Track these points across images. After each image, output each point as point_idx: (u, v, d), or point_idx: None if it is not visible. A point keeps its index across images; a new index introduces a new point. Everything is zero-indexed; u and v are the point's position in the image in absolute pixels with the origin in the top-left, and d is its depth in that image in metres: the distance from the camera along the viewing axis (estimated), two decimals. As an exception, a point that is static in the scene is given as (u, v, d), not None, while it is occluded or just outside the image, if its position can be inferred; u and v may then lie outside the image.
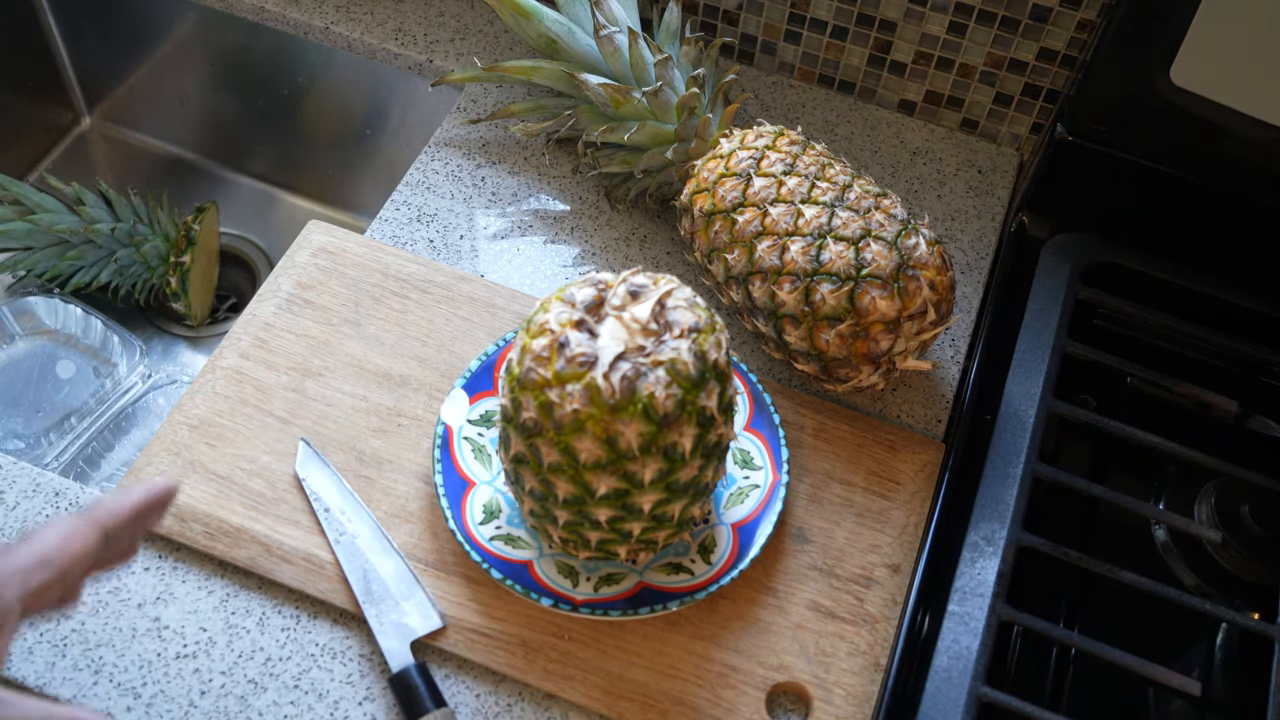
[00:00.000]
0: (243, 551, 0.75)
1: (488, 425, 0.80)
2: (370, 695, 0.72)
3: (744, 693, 0.73)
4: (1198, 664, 0.80)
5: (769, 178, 0.82)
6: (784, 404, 0.85)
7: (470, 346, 0.86)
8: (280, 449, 0.80)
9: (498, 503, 0.77)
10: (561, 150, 1.01)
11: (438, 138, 1.01)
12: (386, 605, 0.73)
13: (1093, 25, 0.93)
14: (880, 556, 0.78)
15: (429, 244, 0.94)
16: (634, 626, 0.74)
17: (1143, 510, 0.82)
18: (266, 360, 0.84)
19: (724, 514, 0.78)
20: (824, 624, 0.75)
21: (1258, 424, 0.89)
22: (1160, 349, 0.92)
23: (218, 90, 1.23)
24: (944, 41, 0.99)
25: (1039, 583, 0.81)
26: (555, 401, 0.63)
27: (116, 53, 1.24)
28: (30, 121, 1.27)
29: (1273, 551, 0.81)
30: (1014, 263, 0.94)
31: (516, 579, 0.73)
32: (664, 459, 0.64)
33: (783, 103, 1.06)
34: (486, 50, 1.08)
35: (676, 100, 0.89)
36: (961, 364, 0.90)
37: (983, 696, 0.71)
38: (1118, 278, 0.92)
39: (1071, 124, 0.91)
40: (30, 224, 1.04)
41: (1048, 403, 0.84)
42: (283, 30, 1.12)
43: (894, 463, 0.82)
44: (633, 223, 0.97)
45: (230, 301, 1.20)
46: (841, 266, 0.77)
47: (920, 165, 1.03)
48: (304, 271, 0.89)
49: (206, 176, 1.29)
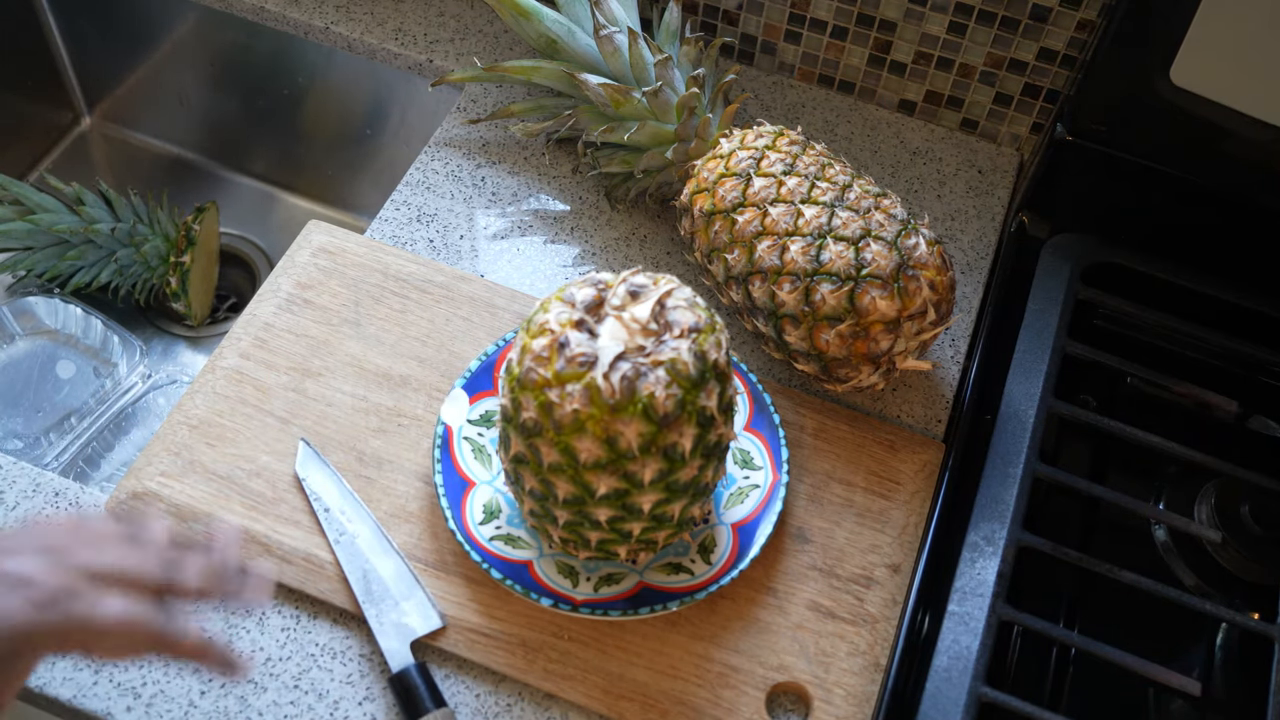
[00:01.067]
0: (242, 551, 0.75)
1: (488, 425, 0.80)
2: (370, 695, 0.72)
3: (744, 693, 0.73)
4: (1198, 664, 0.80)
5: (769, 178, 0.82)
6: (784, 404, 0.85)
7: (470, 346, 0.86)
8: (280, 449, 0.80)
9: (498, 503, 0.77)
10: (561, 150, 1.01)
11: (438, 138, 1.01)
12: (386, 605, 0.73)
13: (1093, 25, 0.93)
14: (880, 556, 0.78)
15: (429, 244, 0.94)
16: (634, 626, 0.74)
17: (1143, 510, 0.82)
18: (266, 360, 0.84)
19: (724, 514, 0.78)
20: (824, 624, 0.75)
21: (1258, 424, 0.89)
22: (1160, 349, 0.92)
23: (218, 90, 1.23)
24: (944, 41, 0.99)
25: (1039, 583, 0.81)
26: (555, 401, 0.63)
27: (116, 53, 1.24)
28: (30, 121, 1.27)
29: (1273, 551, 0.81)
30: (1014, 263, 0.94)
31: (516, 579, 0.73)
32: (664, 459, 0.64)
33: (783, 103, 1.06)
34: (486, 50, 1.08)
35: (676, 100, 0.89)
36: (961, 364, 0.90)
37: (983, 696, 0.71)
38: (1118, 278, 0.92)
39: (1071, 124, 0.91)
40: (30, 224, 1.04)
41: (1048, 403, 0.84)
42: (283, 30, 1.12)
43: (894, 463, 0.82)
44: (633, 223, 0.97)
45: (230, 301, 1.20)
46: (841, 266, 0.77)
47: (920, 165, 1.03)
48: (304, 271, 0.89)
49: (206, 176, 1.29)
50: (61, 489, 0.79)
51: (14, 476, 0.79)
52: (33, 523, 0.55)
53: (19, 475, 0.79)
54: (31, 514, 0.77)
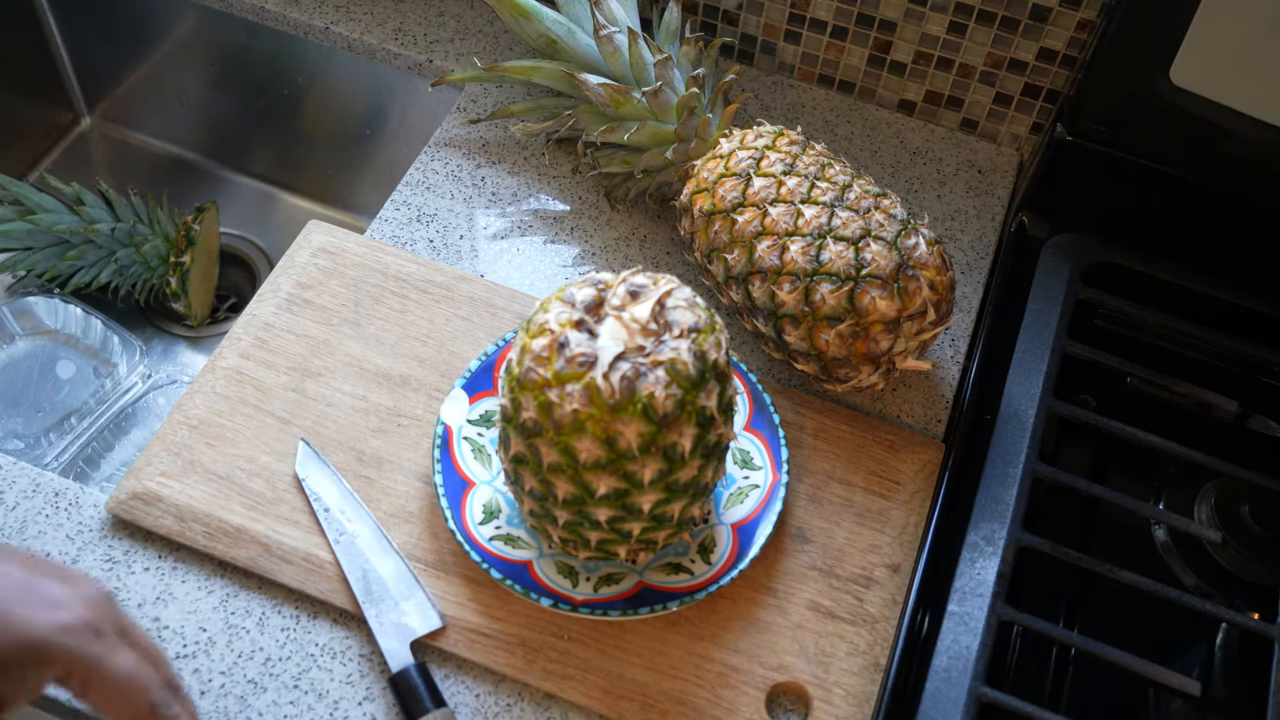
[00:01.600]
0: (242, 551, 0.75)
1: (487, 425, 0.80)
2: (370, 695, 0.72)
3: (744, 693, 0.73)
4: (1198, 664, 0.80)
5: (769, 178, 0.82)
6: (784, 404, 0.85)
7: (470, 346, 0.86)
8: (280, 449, 0.80)
9: (497, 503, 0.77)
10: (561, 150, 1.01)
11: (438, 138, 1.01)
12: (386, 605, 0.73)
13: (1093, 25, 0.93)
14: (880, 556, 0.78)
15: (429, 244, 0.94)
16: (634, 626, 0.74)
17: (1143, 510, 0.82)
18: (266, 360, 0.84)
19: (724, 514, 0.78)
20: (824, 624, 0.75)
21: (1258, 424, 0.89)
22: (1160, 349, 0.92)
23: (218, 90, 1.23)
24: (944, 41, 0.99)
25: (1039, 583, 0.81)
26: (555, 401, 0.63)
27: (116, 53, 1.24)
28: (30, 121, 1.27)
29: (1273, 551, 0.81)
30: (1014, 263, 0.94)
31: (516, 579, 0.73)
32: (664, 459, 0.64)
33: (783, 103, 1.06)
34: (486, 50, 1.08)
35: (676, 100, 0.89)
36: (961, 364, 0.90)
37: (983, 696, 0.71)
38: (1118, 278, 0.92)
39: (1071, 124, 0.91)
40: (30, 224, 1.04)
41: (1048, 403, 0.84)
42: (283, 30, 1.12)
43: (894, 463, 0.82)
44: (633, 223, 0.97)
45: (230, 301, 1.20)
46: (841, 266, 0.77)
47: (920, 165, 1.03)
48: (304, 271, 0.89)
49: (206, 176, 1.29)
50: (61, 489, 0.79)
51: (14, 476, 0.79)
52: None
53: (19, 475, 0.79)
54: (31, 514, 0.77)
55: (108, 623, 0.55)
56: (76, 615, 0.53)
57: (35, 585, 0.54)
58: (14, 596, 0.53)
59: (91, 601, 0.55)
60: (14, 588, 0.53)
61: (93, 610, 0.54)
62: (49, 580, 0.55)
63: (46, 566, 0.56)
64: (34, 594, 0.53)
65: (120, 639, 0.55)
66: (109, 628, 0.54)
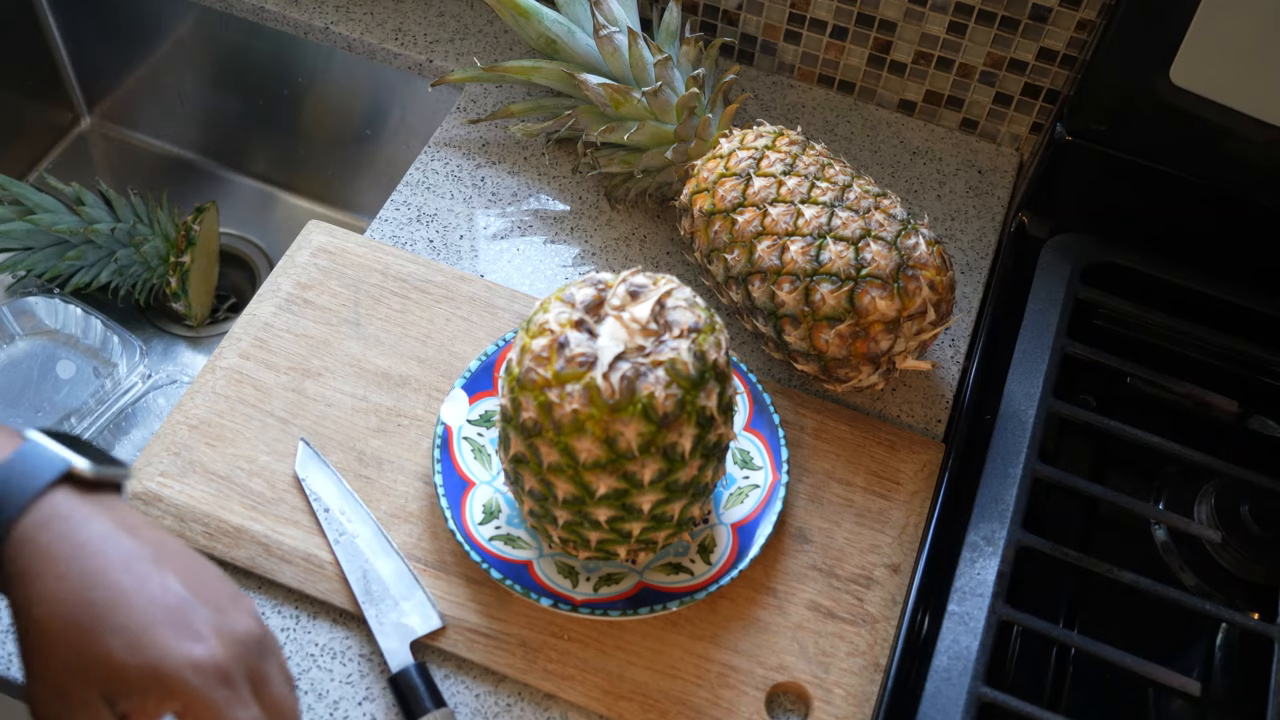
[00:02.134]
0: (242, 551, 0.75)
1: (487, 425, 0.80)
2: (370, 695, 0.72)
3: (744, 693, 0.73)
4: (1198, 664, 0.80)
5: (769, 178, 0.82)
6: (784, 404, 0.85)
7: (470, 346, 0.86)
8: (280, 449, 0.80)
9: (497, 503, 0.77)
10: (561, 150, 1.01)
11: (438, 138, 1.01)
12: (386, 605, 0.73)
13: (1093, 25, 0.93)
14: (880, 556, 0.78)
15: (429, 244, 0.94)
16: (634, 626, 0.74)
17: (1143, 510, 0.82)
18: (266, 360, 0.84)
19: (724, 514, 0.78)
20: (824, 624, 0.75)
21: (1258, 424, 0.89)
22: (1160, 349, 0.92)
23: (218, 90, 1.23)
24: (944, 41, 0.99)
25: (1039, 583, 0.81)
26: (555, 401, 0.63)
27: (116, 53, 1.24)
28: (30, 121, 1.27)
29: (1273, 551, 0.81)
30: (1014, 263, 0.94)
31: (516, 579, 0.73)
32: (664, 459, 0.64)
33: (783, 103, 1.06)
34: (486, 50, 1.08)
35: (676, 100, 0.89)
36: (961, 364, 0.90)
37: (983, 696, 0.71)
38: (1118, 278, 0.92)
39: (1071, 124, 0.91)
40: (30, 224, 1.04)
41: (1048, 403, 0.84)
42: (283, 30, 1.12)
43: (894, 463, 0.82)
44: (633, 223, 0.97)
45: (230, 301, 1.20)
46: (841, 266, 0.77)
47: (920, 165, 1.03)
48: (304, 271, 0.89)
49: (206, 176, 1.29)
50: (61, 489, 0.79)
51: (14, 476, 0.79)
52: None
53: (19, 475, 0.79)
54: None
55: (243, 668, 0.52)
56: (211, 653, 0.50)
57: (186, 609, 0.51)
58: (159, 616, 0.50)
59: (235, 640, 0.52)
60: (164, 606, 0.51)
61: (231, 650, 0.51)
62: (203, 605, 0.52)
63: (211, 587, 0.53)
64: (180, 618, 0.51)
65: (251, 690, 0.52)
66: (242, 674, 0.51)
